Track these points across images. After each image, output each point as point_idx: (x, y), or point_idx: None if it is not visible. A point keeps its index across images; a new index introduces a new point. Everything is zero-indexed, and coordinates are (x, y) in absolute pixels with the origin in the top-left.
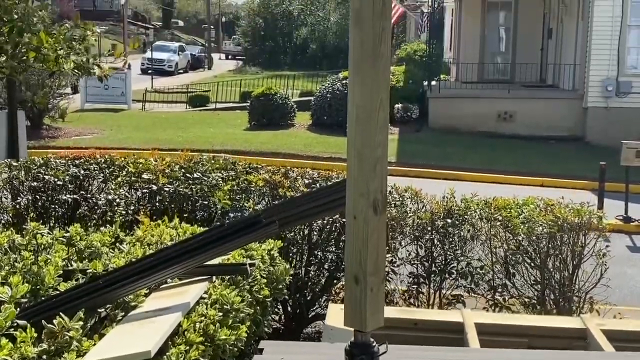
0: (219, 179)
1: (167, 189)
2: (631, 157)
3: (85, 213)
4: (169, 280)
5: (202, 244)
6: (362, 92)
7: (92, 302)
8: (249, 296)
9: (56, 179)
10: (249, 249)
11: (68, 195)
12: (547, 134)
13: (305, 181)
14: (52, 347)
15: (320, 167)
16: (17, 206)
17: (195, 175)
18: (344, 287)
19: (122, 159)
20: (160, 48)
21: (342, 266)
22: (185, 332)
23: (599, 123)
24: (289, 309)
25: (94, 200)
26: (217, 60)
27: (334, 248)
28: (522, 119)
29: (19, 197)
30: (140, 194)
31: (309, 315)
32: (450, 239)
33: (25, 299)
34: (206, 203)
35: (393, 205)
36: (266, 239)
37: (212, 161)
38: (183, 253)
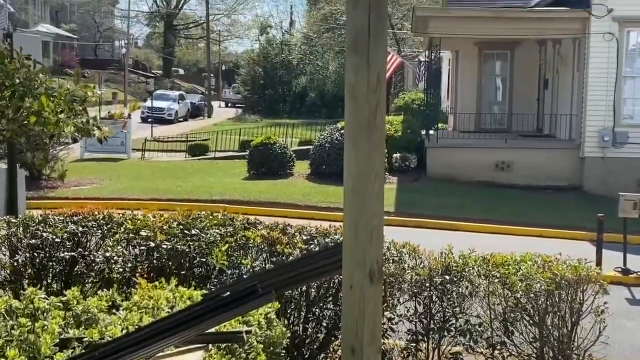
0: (217, 236)
1: (165, 246)
2: (629, 209)
3: (83, 270)
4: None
5: (199, 315)
6: (357, 164)
7: None
8: None
9: (54, 236)
10: (245, 314)
11: (66, 253)
12: (545, 183)
13: (304, 237)
14: None
15: (319, 217)
16: (15, 263)
17: (193, 231)
18: (341, 358)
19: (120, 215)
20: (161, 97)
21: (341, 323)
22: None
23: (597, 173)
24: None
25: (91, 258)
26: (217, 108)
27: (332, 305)
28: (520, 169)
29: (16, 255)
30: (138, 251)
31: None
32: (449, 296)
33: None
34: (204, 260)
35: (391, 261)
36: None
37: (211, 217)
38: (180, 324)
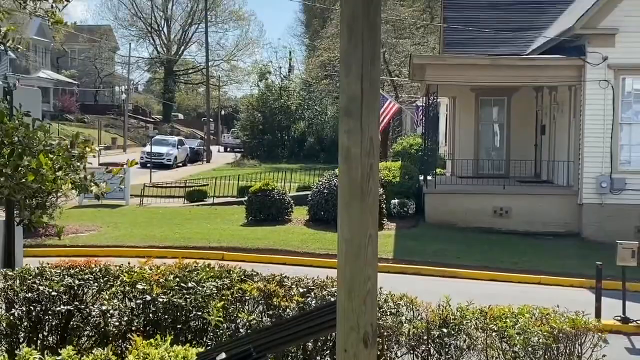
0: (214, 289)
1: (161, 300)
2: (627, 257)
3: (79, 324)
4: None
5: None
6: (350, 228)
7: None
8: None
9: (51, 290)
10: None
11: (62, 306)
12: (544, 229)
13: (301, 290)
14: None
15: (317, 264)
16: (11, 317)
17: (189, 284)
18: None
19: (117, 268)
20: (160, 142)
21: None
22: None
23: (595, 219)
24: None
25: (87, 311)
26: (215, 152)
27: (329, 359)
28: (518, 215)
29: (13, 308)
30: (134, 305)
31: None
32: (447, 349)
33: None
34: (200, 314)
35: (388, 314)
36: None
37: (207, 269)
38: None
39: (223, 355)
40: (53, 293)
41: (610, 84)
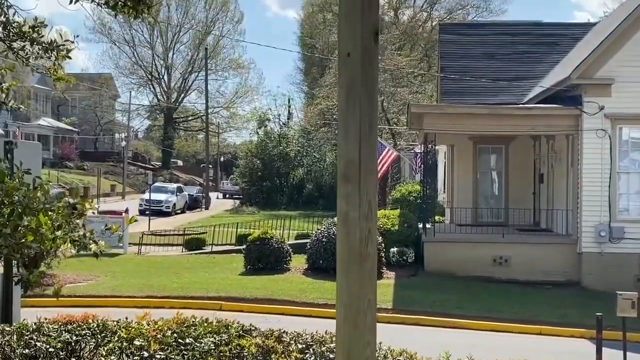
0: (211, 344)
1: (158, 356)
2: (627, 308)
3: None
4: None
5: None
6: (349, 294)
7: None
8: None
9: (48, 346)
10: None
11: None
12: (543, 278)
13: (299, 346)
14: None
15: (316, 314)
16: None
17: (187, 340)
18: None
19: (115, 323)
20: (159, 189)
21: None
22: None
23: (594, 268)
24: None
25: None
26: (214, 199)
27: None
28: (518, 264)
29: None
30: None
31: None
32: None
33: None
34: None
35: None
36: None
37: (205, 324)
38: None
39: None
40: (50, 349)
41: (607, 133)
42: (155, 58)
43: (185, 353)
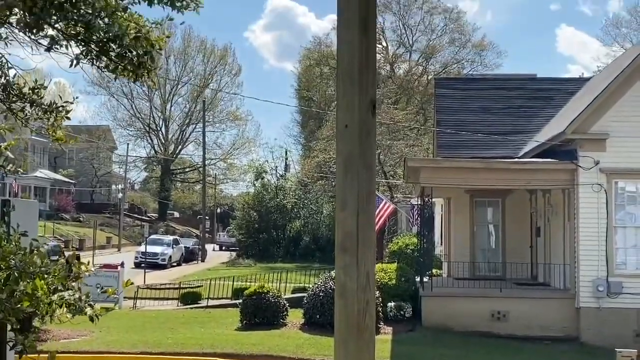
0: None
1: None
2: None
3: None
4: None
5: None
6: None
7: None
8: None
9: None
10: None
11: None
12: (542, 334)
13: None
14: None
15: None
16: None
17: None
18: None
19: None
20: (155, 242)
21: None
22: None
23: (593, 323)
24: None
25: None
26: (210, 251)
27: None
28: (516, 319)
29: None
30: None
31: None
32: None
33: None
34: None
35: None
36: None
37: None
38: None
39: None
40: None
41: (603, 188)
42: (153, 110)
43: None
